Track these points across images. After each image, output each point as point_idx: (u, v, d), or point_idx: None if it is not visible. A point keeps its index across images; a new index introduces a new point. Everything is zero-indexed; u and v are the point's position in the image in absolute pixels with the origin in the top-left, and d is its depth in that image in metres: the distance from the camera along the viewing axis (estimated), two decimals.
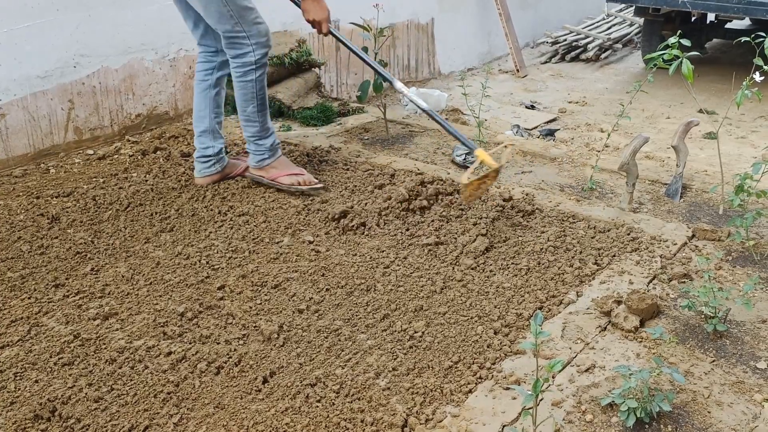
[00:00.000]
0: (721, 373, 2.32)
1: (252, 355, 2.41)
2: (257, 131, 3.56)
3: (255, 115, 3.52)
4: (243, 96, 3.48)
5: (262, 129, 3.56)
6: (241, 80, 3.45)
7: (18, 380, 2.31)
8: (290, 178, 3.57)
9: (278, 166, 3.61)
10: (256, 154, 3.60)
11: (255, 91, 3.47)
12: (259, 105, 3.51)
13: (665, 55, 3.14)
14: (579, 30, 7.63)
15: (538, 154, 4.21)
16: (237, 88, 3.48)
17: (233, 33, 3.34)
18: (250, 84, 3.45)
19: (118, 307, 2.70)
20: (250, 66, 3.41)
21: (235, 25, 3.31)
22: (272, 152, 3.61)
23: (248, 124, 3.55)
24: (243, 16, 3.32)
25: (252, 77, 3.44)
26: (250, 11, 3.35)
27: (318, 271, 2.92)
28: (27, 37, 3.86)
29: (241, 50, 3.38)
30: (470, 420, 2.11)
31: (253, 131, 3.56)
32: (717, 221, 3.38)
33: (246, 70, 3.42)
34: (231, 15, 3.29)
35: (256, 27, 3.37)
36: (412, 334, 2.52)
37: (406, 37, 6.16)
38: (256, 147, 3.59)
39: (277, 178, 3.58)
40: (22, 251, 3.08)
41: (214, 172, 3.67)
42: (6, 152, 3.88)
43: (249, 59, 3.40)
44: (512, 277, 2.88)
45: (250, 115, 3.52)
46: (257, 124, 3.54)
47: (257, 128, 3.55)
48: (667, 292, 2.77)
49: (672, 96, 5.88)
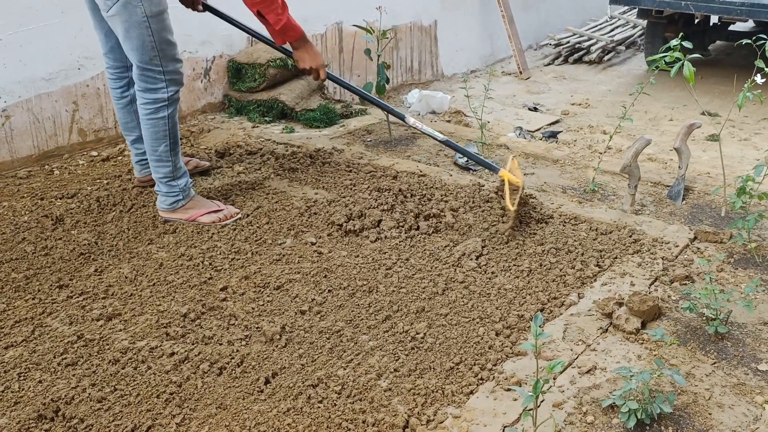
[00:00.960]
0: (722, 374, 2.33)
1: (254, 356, 2.42)
2: (169, 171, 3.29)
3: (167, 154, 3.27)
4: (154, 135, 3.23)
5: (174, 169, 3.30)
6: (151, 117, 3.21)
7: (22, 380, 2.32)
8: (209, 217, 3.34)
9: (195, 206, 3.37)
10: (169, 196, 3.33)
11: (167, 129, 3.23)
12: (172, 143, 3.27)
13: (667, 57, 3.14)
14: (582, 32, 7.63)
15: (541, 156, 4.21)
16: (146, 126, 3.24)
17: (149, 66, 3.12)
18: (162, 122, 3.21)
19: (121, 308, 2.71)
20: (162, 102, 3.19)
21: (153, 58, 3.10)
22: (185, 192, 3.35)
23: (160, 164, 3.29)
24: (164, 50, 3.12)
25: (164, 114, 3.20)
26: (172, 47, 3.17)
27: (320, 273, 2.93)
28: (32, 39, 3.88)
29: (153, 85, 3.16)
30: (471, 421, 2.12)
31: (164, 172, 3.29)
32: (719, 223, 3.38)
33: (157, 107, 3.19)
34: (153, 46, 3.08)
35: (173, 64, 3.18)
36: (413, 336, 2.53)
37: (409, 39, 6.17)
38: (169, 189, 3.32)
39: (196, 218, 3.34)
40: (26, 252, 3.09)
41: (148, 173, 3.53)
42: (11, 154, 3.90)
43: (161, 95, 3.18)
44: (514, 279, 2.89)
45: (161, 155, 3.27)
46: (169, 164, 3.28)
47: (169, 168, 3.29)
48: (668, 294, 2.78)
49: (675, 98, 5.88)
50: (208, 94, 4.85)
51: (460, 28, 6.68)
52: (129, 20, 3.03)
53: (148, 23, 3.04)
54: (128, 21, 3.03)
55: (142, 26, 3.04)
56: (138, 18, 3.02)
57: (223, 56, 4.84)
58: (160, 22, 3.09)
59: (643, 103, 5.46)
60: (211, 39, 4.71)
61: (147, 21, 3.04)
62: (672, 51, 3.12)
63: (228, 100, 4.91)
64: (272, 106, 4.77)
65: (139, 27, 3.04)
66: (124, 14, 3.02)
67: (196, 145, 4.25)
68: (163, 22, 3.11)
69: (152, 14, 3.05)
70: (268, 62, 4.66)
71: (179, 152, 3.35)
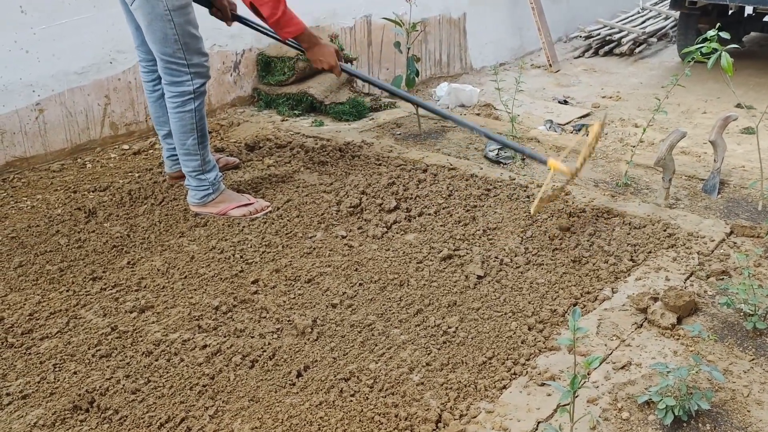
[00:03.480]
0: (760, 371, 2.28)
1: (286, 349, 2.42)
2: (198, 165, 3.30)
3: (195, 148, 3.28)
4: (181, 128, 3.25)
5: (203, 162, 3.31)
6: (178, 111, 3.22)
7: (57, 371, 2.35)
8: (240, 210, 3.34)
9: (225, 200, 3.37)
10: (199, 190, 3.34)
11: (194, 122, 3.24)
12: (200, 137, 3.28)
13: (703, 49, 3.08)
14: (613, 24, 7.53)
15: (572, 149, 4.16)
16: (174, 120, 3.25)
17: (173, 59, 3.13)
18: (189, 115, 3.22)
19: (153, 301, 2.73)
20: (188, 96, 3.19)
21: (177, 51, 3.11)
22: (215, 186, 3.36)
23: (188, 158, 3.30)
24: (187, 44, 3.12)
25: (190, 107, 3.21)
26: (196, 40, 3.17)
27: (351, 266, 2.93)
28: (64, 33, 3.92)
29: (178, 78, 3.17)
30: (504, 416, 2.10)
31: (193, 165, 3.31)
32: (756, 217, 3.32)
33: (184, 100, 3.20)
34: (176, 39, 3.09)
35: (198, 57, 3.18)
36: (445, 330, 2.52)
37: (438, 32, 6.14)
38: (198, 182, 3.33)
39: (226, 212, 3.35)
40: (60, 245, 3.13)
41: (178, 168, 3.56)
42: (44, 147, 3.95)
43: (187, 88, 3.19)
44: (546, 273, 2.86)
45: (189, 149, 3.28)
46: (198, 158, 3.30)
47: (198, 162, 3.30)
48: (704, 289, 2.73)
49: (708, 90, 5.79)
50: (238, 87, 4.86)
51: (489, 20, 6.63)
52: (151, 13, 3.05)
53: (171, 16, 3.06)
54: (150, 14, 3.05)
55: (164, 19, 3.05)
56: (160, 11, 3.04)
57: (252, 50, 4.85)
58: (182, 15, 3.10)
59: (676, 96, 5.38)
60: (240, 32, 4.72)
61: (169, 14, 3.05)
62: (708, 42, 3.07)
63: (257, 94, 4.92)
64: (301, 100, 4.77)
65: (162, 20, 3.06)
66: (146, 7, 3.04)
67: (225, 139, 4.27)
68: (186, 15, 3.12)
69: (174, 8, 3.05)
70: (297, 56, 4.65)
71: (208, 146, 3.36)
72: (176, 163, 3.56)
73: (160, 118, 3.52)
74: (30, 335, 2.53)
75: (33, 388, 2.27)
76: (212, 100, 4.70)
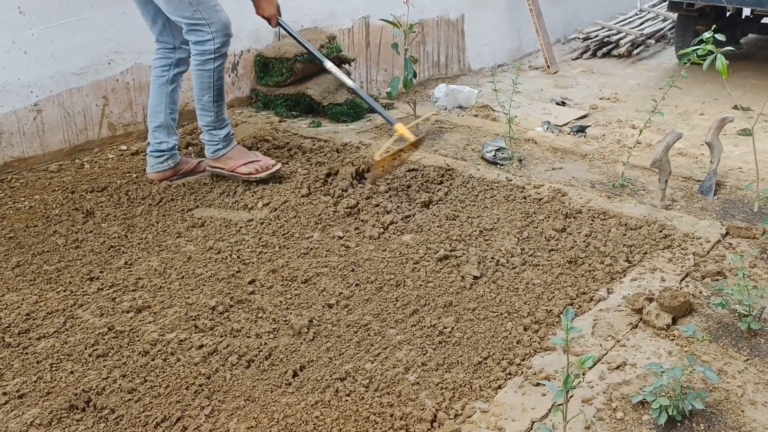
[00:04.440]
0: (755, 371, 2.29)
1: (282, 349, 2.43)
2: (212, 121, 3.61)
3: (210, 105, 3.57)
4: (200, 84, 3.52)
5: (217, 119, 3.61)
6: (199, 68, 3.49)
7: (54, 371, 2.35)
8: (247, 167, 3.63)
9: (234, 156, 3.67)
10: (211, 144, 3.66)
11: (212, 81, 3.50)
12: (216, 95, 3.55)
13: (699, 51, 3.09)
14: (611, 25, 7.54)
15: (569, 151, 4.18)
16: (195, 77, 3.53)
17: (193, 20, 3.36)
18: (208, 73, 3.48)
19: (150, 301, 2.73)
20: (209, 55, 3.44)
21: (194, 12, 3.34)
22: (227, 142, 3.67)
23: (204, 113, 3.60)
24: (202, 3, 3.34)
25: (210, 66, 3.47)
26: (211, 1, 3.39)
27: (348, 267, 2.94)
28: (63, 34, 3.92)
29: (201, 37, 3.41)
30: (499, 416, 2.11)
31: (207, 120, 3.61)
32: (751, 219, 3.33)
33: (205, 59, 3.45)
34: (190, 2, 3.32)
35: (217, 15, 3.40)
36: (441, 330, 2.52)
37: (436, 33, 6.15)
38: (210, 137, 3.65)
39: (235, 169, 3.64)
40: (57, 245, 3.13)
41: (167, 167, 3.70)
42: (42, 148, 3.95)
43: (208, 47, 3.42)
44: (542, 274, 2.87)
45: (205, 105, 3.57)
46: (212, 113, 3.59)
47: (212, 118, 3.60)
48: (700, 290, 2.74)
49: (705, 92, 5.80)
50: (236, 88, 4.87)
51: (488, 22, 6.64)
52: None
53: None
54: None
55: None
56: None
57: (250, 51, 4.86)
58: None
59: (674, 97, 5.39)
60: (238, 34, 4.71)
61: None
62: (704, 44, 3.08)
63: (255, 95, 4.92)
64: (299, 101, 4.78)
65: None
66: None
67: None
68: None
69: None
70: (295, 57, 4.66)
71: (223, 105, 3.63)
72: (157, 162, 3.69)
73: (156, 107, 3.67)
74: (27, 335, 2.54)
75: (30, 387, 2.28)
76: None
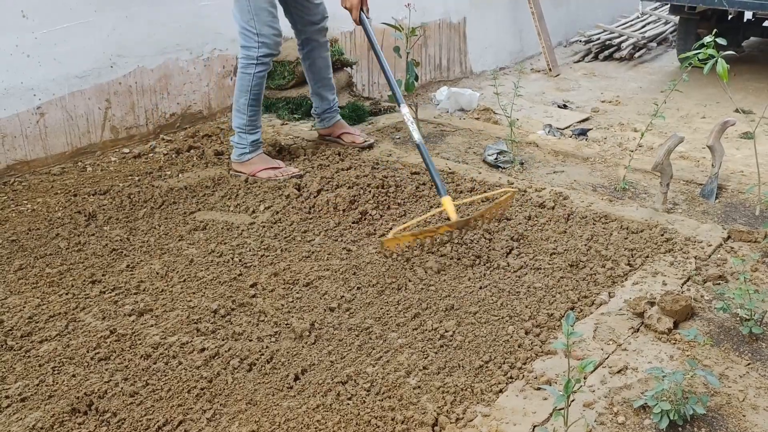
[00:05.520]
0: (756, 376, 2.29)
1: (284, 353, 2.43)
2: (244, 124, 3.78)
3: (245, 107, 3.75)
4: (240, 86, 3.74)
5: (249, 123, 3.78)
6: (242, 71, 3.72)
7: (56, 374, 2.36)
8: (267, 173, 3.77)
9: (257, 162, 3.81)
10: (238, 147, 3.82)
11: (251, 85, 3.71)
12: (252, 99, 3.74)
13: (700, 54, 3.09)
14: (613, 28, 7.55)
15: (571, 154, 4.18)
16: (237, 78, 3.76)
17: (246, 27, 3.63)
18: (248, 77, 3.70)
19: (152, 304, 2.74)
20: (252, 60, 3.68)
21: (249, 21, 3.61)
22: (253, 148, 3.81)
23: (238, 114, 3.79)
24: (258, 15, 3.60)
25: (251, 71, 3.69)
26: (268, 14, 3.63)
27: (349, 270, 2.94)
28: (66, 37, 3.93)
29: (248, 43, 3.66)
30: (501, 420, 2.11)
31: (240, 122, 3.79)
32: (753, 222, 3.33)
33: (248, 63, 3.69)
34: (248, 10, 3.59)
35: (268, 28, 3.64)
36: (442, 333, 2.53)
37: (438, 36, 6.16)
38: (240, 139, 3.81)
39: (255, 173, 3.78)
40: (60, 248, 3.14)
41: (323, 126, 4.23)
42: (45, 150, 3.96)
43: (252, 53, 3.66)
44: (543, 278, 2.87)
45: (240, 106, 3.76)
46: (245, 116, 3.76)
47: (244, 121, 3.77)
48: (701, 294, 2.74)
49: (707, 95, 5.80)
50: None
51: (489, 25, 6.65)
52: None
53: None
54: None
55: None
56: None
57: None
58: None
59: (675, 101, 5.39)
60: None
61: None
62: (705, 48, 3.08)
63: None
64: (301, 104, 4.78)
65: None
66: None
67: (226, 142, 4.28)
68: None
69: None
70: (298, 60, 4.66)
71: (258, 112, 3.81)
72: (321, 120, 4.21)
73: (311, 79, 4.14)
74: (29, 338, 2.54)
75: (32, 390, 2.28)
76: (212, 104, 4.72)
